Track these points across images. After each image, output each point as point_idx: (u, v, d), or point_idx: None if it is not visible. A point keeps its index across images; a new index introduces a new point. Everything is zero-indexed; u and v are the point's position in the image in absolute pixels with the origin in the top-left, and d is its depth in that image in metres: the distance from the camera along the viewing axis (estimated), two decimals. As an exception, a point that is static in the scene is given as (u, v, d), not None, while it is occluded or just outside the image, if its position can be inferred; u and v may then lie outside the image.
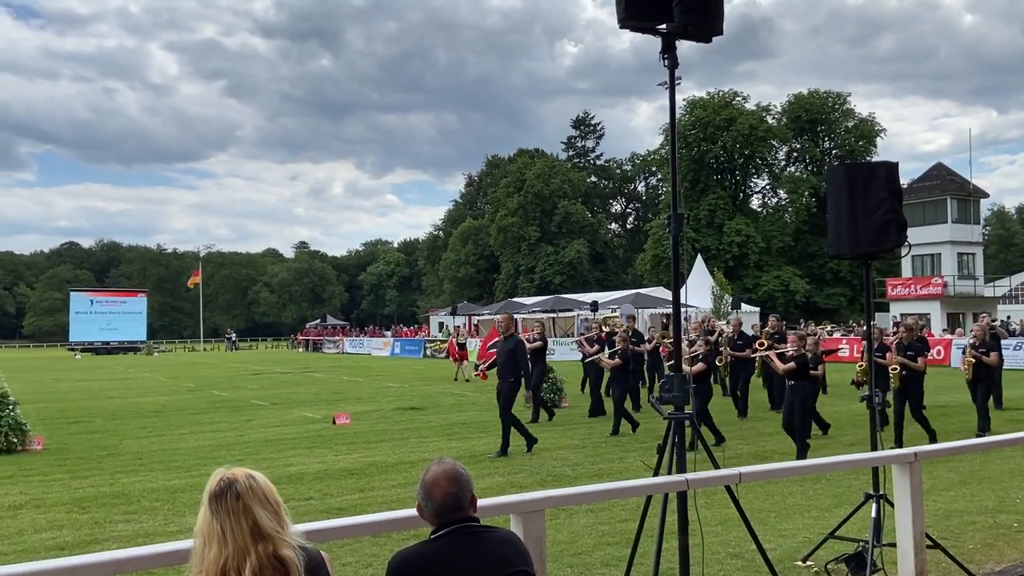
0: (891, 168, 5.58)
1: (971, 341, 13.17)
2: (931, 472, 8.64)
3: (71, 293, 70.10)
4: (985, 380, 12.35)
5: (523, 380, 11.09)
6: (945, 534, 6.41)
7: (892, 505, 5.31)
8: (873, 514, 5.55)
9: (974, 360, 12.32)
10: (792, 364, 10.54)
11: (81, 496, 8.63)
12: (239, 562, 2.08)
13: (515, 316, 45.71)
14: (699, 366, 11.73)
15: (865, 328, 6.09)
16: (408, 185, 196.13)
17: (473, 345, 29.21)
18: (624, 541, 6.36)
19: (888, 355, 11.79)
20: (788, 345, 11.63)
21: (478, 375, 18.06)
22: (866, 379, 8.14)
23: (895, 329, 18.11)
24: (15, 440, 11.60)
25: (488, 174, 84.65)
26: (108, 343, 62.09)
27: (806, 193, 57.93)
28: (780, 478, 8.10)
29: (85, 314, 64.35)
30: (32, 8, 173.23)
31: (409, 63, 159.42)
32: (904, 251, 5.66)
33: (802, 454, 10.10)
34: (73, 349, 61.12)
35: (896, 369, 11.53)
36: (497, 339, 16.23)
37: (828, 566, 5.73)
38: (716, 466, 4.59)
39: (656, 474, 4.63)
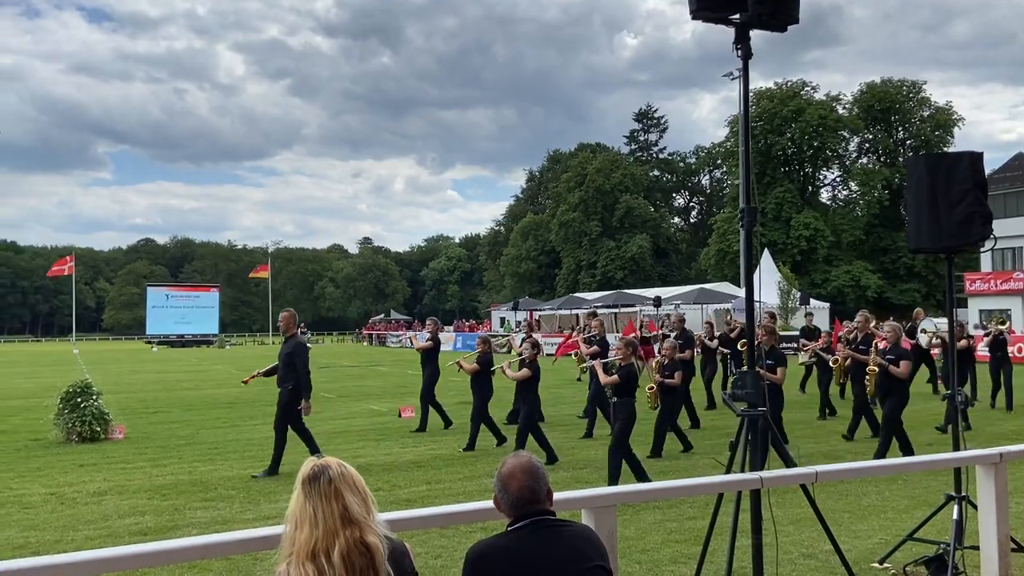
0: (975, 158, 5.37)
1: (880, 346, 10.80)
2: (1015, 474, 8.30)
3: (148, 288, 72.79)
4: (895, 394, 9.77)
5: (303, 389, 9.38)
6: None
7: (975, 507, 5.13)
8: (955, 516, 5.37)
9: (878, 369, 10.01)
10: (614, 377, 8.71)
11: (161, 484, 8.96)
12: (328, 544, 2.15)
13: (576, 312, 45.76)
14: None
15: (947, 325, 5.87)
16: (468, 181, 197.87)
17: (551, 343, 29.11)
18: (692, 539, 6.30)
19: (871, 352, 10.44)
20: (614, 355, 9.40)
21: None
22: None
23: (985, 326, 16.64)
24: (99, 429, 12.10)
25: (549, 169, 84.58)
26: (182, 336, 64.21)
27: (879, 185, 56.22)
28: (856, 478, 7.90)
29: (161, 308, 66.69)
30: (105, 11, 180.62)
31: (468, 59, 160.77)
32: (989, 244, 5.45)
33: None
34: (150, 342, 63.46)
35: (874, 371, 10.08)
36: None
37: (907, 568, 5.57)
38: (789, 465, 4.50)
39: (728, 472, 4.56)
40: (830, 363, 13.73)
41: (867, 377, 10.56)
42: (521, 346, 12.05)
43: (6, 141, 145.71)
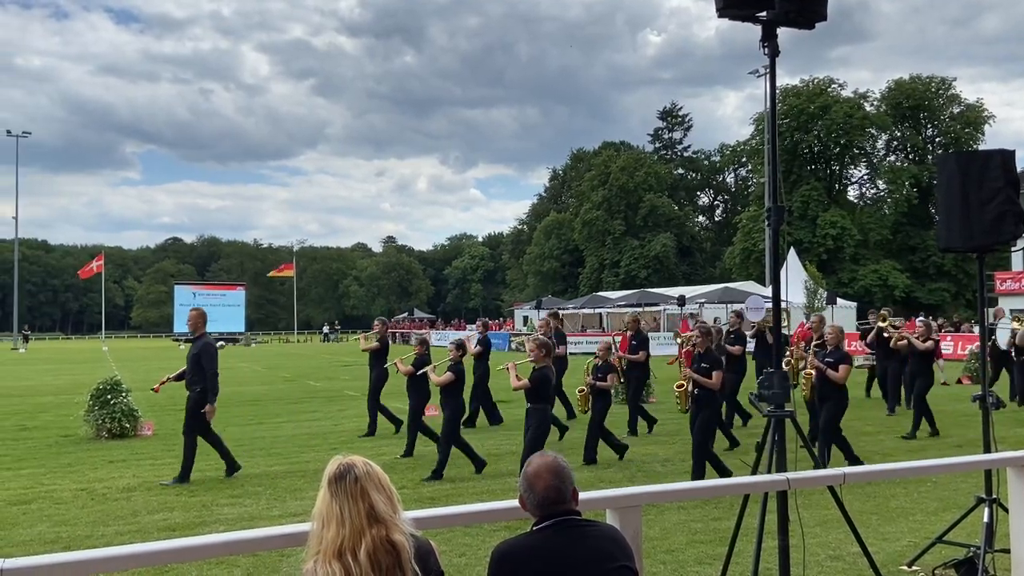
0: (1007, 156, 5.28)
1: (815, 348, 10.04)
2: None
3: (175, 286, 73.62)
4: (832, 400, 9.06)
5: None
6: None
7: (1005, 510, 5.05)
8: (985, 519, 5.30)
9: (815, 372, 9.32)
10: (525, 382, 8.25)
11: (189, 480, 9.06)
12: (354, 542, 2.17)
13: (599, 311, 45.64)
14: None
15: (979, 324, 5.79)
16: (491, 180, 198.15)
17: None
18: (717, 539, 6.26)
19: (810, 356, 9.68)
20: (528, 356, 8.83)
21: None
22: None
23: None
24: (128, 425, 12.27)
25: (572, 168, 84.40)
26: (209, 334, 64.79)
27: (907, 183, 55.46)
28: (884, 479, 7.81)
29: (188, 306, 66.99)
30: (132, 13, 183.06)
31: (491, 57, 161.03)
32: (1021, 243, 5.36)
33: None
34: (177, 339, 64.16)
35: (811, 375, 9.47)
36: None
37: (936, 571, 5.50)
38: (818, 466, 4.46)
39: (755, 472, 4.53)
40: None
41: (803, 381, 9.89)
42: (475, 347, 11.78)
43: (37, 142, 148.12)
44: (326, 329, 75.54)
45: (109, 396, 12.30)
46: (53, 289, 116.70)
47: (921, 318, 12.91)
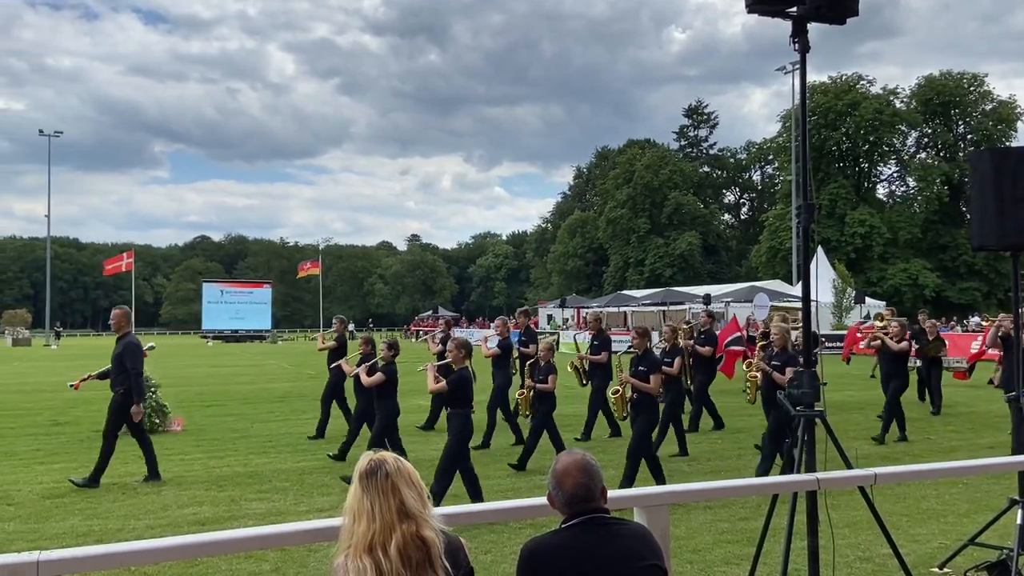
0: (1043, 152, 5.19)
1: (764, 351, 9.27)
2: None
3: (203, 284, 74.53)
4: (779, 405, 8.01)
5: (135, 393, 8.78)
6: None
7: (1040, 513, 4.97)
8: (1018, 520, 5.20)
9: (760, 374, 8.73)
10: (442, 384, 7.70)
11: (218, 475, 9.18)
12: (385, 538, 2.18)
13: (625, 310, 45.49)
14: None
15: (1013, 324, 5.69)
16: (515, 178, 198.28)
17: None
18: (744, 539, 6.22)
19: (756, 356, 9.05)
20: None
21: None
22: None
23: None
24: (157, 421, 12.43)
25: (597, 166, 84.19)
26: (236, 331, 65.58)
27: (937, 181, 54.65)
28: (916, 480, 7.70)
29: (216, 304, 68.18)
30: (159, 13, 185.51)
31: (515, 55, 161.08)
32: (1057, 241, 5.25)
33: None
34: (205, 336, 64.96)
35: (755, 377, 8.88)
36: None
37: (967, 574, 5.42)
38: (849, 466, 4.41)
39: (784, 472, 4.49)
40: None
41: (747, 384, 9.36)
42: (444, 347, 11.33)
43: (68, 141, 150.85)
44: (352, 327, 76.03)
45: (139, 392, 12.45)
46: (84, 286, 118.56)
47: (897, 319, 12.46)
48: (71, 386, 10.13)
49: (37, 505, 7.78)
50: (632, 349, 8.86)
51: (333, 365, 11.77)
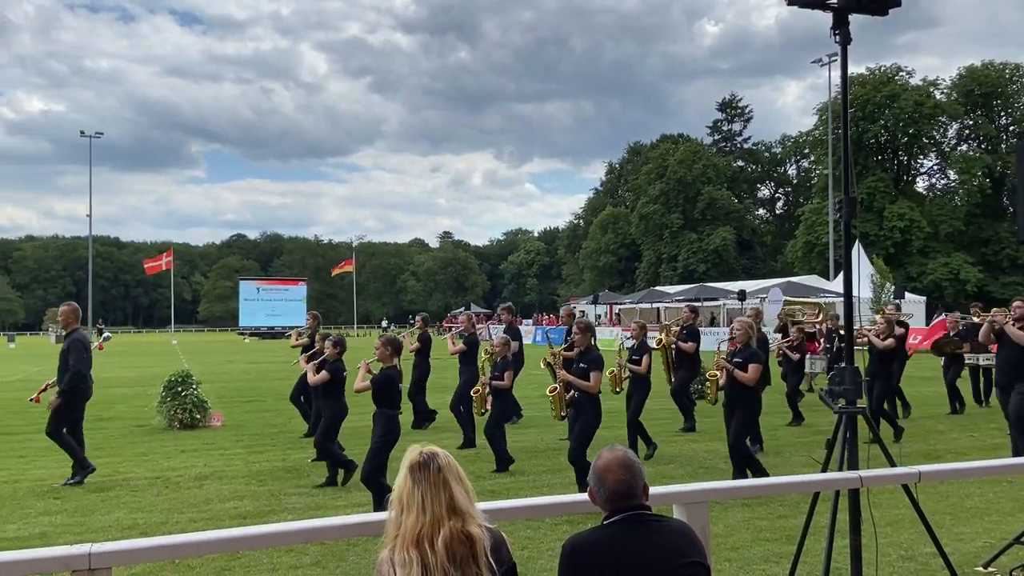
0: (1094, 143, 5.05)
1: (727, 347, 8.73)
2: None
3: (240, 282, 75.53)
4: (742, 406, 7.95)
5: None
6: None
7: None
8: (1068, 522, 5.09)
9: (722, 372, 8.32)
10: (367, 384, 7.40)
11: (258, 470, 9.31)
12: (432, 532, 2.20)
13: (658, 305, 45.17)
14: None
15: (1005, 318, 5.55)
16: (546, 174, 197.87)
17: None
18: (784, 538, 6.16)
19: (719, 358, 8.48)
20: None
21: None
22: None
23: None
24: (198, 416, 12.65)
25: (629, 161, 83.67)
26: (272, 328, 66.40)
27: (979, 173, 53.42)
28: (960, 479, 7.56)
29: (252, 301, 69.10)
30: (194, 15, 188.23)
31: (545, 51, 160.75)
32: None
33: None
34: (242, 333, 65.89)
35: (716, 375, 8.59)
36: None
37: (1013, 573, 5.31)
38: (892, 464, 4.34)
39: (825, 470, 4.44)
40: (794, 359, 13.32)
41: (706, 383, 9.02)
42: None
43: (107, 142, 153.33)
44: (384, 323, 76.61)
45: (180, 388, 12.70)
46: (124, 284, 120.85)
47: (892, 315, 12.16)
48: (33, 400, 9.56)
49: (83, 499, 7.96)
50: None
51: (294, 363, 11.80)
